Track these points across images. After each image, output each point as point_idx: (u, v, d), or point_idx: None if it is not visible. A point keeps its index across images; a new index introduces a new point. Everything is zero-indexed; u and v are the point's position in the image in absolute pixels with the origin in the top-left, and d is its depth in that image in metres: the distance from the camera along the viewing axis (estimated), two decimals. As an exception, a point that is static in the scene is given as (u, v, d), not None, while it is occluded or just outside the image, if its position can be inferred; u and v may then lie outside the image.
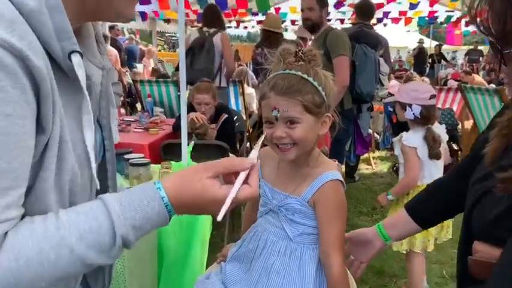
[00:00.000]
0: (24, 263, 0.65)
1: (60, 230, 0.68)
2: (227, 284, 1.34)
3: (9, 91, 0.61)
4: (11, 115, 0.62)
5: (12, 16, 0.62)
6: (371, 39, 4.22)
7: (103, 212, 0.71)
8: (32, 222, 0.68)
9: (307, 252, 1.29)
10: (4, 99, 0.61)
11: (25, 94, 0.63)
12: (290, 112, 1.19)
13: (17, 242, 0.65)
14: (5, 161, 0.62)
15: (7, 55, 0.60)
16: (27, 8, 0.64)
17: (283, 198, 1.30)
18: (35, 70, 0.63)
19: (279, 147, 1.23)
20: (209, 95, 3.68)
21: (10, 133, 0.62)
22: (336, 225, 1.25)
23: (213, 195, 0.78)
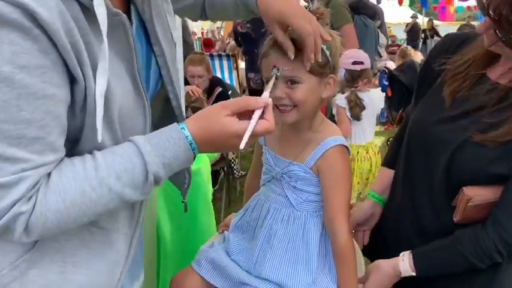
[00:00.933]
0: (70, 204, 0.71)
1: (99, 171, 0.74)
2: (230, 253, 1.32)
3: (20, 43, 0.62)
4: (26, 66, 0.63)
5: None
6: (369, 10, 4.15)
7: (136, 153, 0.77)
8: (72, 164, 0.73)
9: (311, 219, 1.27)
10: (16, 52, 0.61)
11: (38, 43, 0.63)
12: (291, 71, 1.13)
13: (61, 183, 0.71)
14: (29, 112, 0.65)
15: (12, 10, 0.60)
16: None
17: (286, 165, 1.26)
18: (43, 22, 0.63)
19: (278, 108, 1.17)
20: (202, 67, 3.62)
21: (28, 84, 0.64)
22: (341, 191, 1.22)
23: (232, 129, 0.83)
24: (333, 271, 1.25)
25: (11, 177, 0.66)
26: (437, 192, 1.17)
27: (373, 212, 1.45)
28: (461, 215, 1.10)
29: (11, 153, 0.65)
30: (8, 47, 0.61)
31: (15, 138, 0.65)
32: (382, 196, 1.44)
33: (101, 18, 0.70)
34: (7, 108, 0.64)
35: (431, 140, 1.16)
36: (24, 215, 0.69)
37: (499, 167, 1.06)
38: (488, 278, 1.16)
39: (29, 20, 0.62)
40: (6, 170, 0.66)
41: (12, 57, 0.62)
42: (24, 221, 0.69)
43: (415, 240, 1.23)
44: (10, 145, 0.65)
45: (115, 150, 0.77)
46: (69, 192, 0.72)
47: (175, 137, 0.81)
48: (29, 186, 0.68)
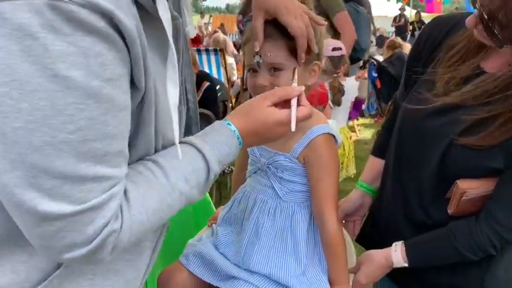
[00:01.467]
0: (152, 213, 0.72)
1: (169, 177, 0.74)
2: (219, 246, 1.30)
3: (106, 54, 0.59)
4: (111, 79, 0.60)
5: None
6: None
7: (197, 154, 0.79)
8: (140, 173, 0.72)
9: (298, 210, 1.25)
10: (102, 64, 0.59)
11: (120, 52, 0.61)
12: (274, 58, 1.10)
13: (139, 195, 0.70)
14: (114, 126, 0.63)
15: (98, 19, 0.57)
16: None
17: (272, 156, 1.24)
18: (126, 32, 0.61)
19: None
20: (189, 62, 3.58)
21: (114, 98, 0.61)
22: (329, 181, 1.20)
23: (277, 118, 0.88)
24: (323, 261, 1.23)
25: (102, 197, 0.63)
26: (427, 188, 1.16)
27: (362, 202, 1.44)
28: (455, 208, 1.09)
29: (99, 171, 0.62)
30: (95, 59, 0.58)
31: (101, 155, 0.62)
32: (371, 186, 1.43)
33: (167, 24, 0.68)
34: (94, 126, 0.60)
35: (423, 132, 1.14)
36: (115, 232, 0.67)
37: (494, 162, 1.05)
38: (481, 271, 1.15)
39: (113, 29, 0.59)
40: (96, 190, 0.63)
41: (99, 71, 0.59)
42: (114, 239, 0.67)
43: (406, 231, 1.22)
44: (97, 163, 0.62)
45: (175, 154, 0.76)
46: (149, 202, 0.72)
47: (226, 134, 0.84)
48: (118, 203, 0.66)
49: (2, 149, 0.57)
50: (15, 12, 0.53)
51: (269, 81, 1.12)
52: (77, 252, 0.64)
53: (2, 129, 0.57)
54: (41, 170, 0.58)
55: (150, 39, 0.67)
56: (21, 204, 0.59)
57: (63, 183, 0.60)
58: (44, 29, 0.54)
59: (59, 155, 0.58)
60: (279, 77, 1.12)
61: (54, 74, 0.56)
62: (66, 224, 0.61)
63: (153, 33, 0.69)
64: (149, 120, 0.72)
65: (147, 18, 0.67)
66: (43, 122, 0.57)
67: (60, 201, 0.60)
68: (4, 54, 0.54)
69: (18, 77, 0.55)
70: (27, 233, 0.64)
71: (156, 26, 0.69)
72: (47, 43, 0.55)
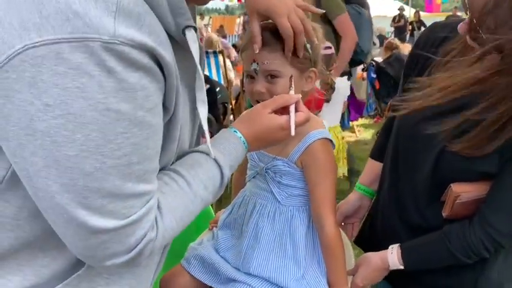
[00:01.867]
0: (180, 220, 0.79)
1: (191, 185, 0.81)
2: (219, 250, 1.32)
3: (149, 87, 0.65)
4: (152, 108, 0.67)
5: (139, 9, 0.63)
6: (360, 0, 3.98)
7: (211, 162, 0.86)
8: (166, 184, 0.79)
9: (297, 214, 1.27)
10: (147, 96, 0.65)
11: (159, 83, 0.68)
12: (270, 65, 1.12)
13: (168, 203, 0.77)
14: (152, 148, 0.70)
15: (143, 56, 0.63)
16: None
17: (270, 161, 1.26)
18: (164, 64, 0.67)
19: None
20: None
21: (153, 124, 0.69)
22: (327, 185, 1.22)
23: (278, 123, 0.96)
24: (322, 264, 1.25)
25: (142, 211, 0.70)
26: (421, 191, 1.18)
27: (360, 204, 1.46)
28: (449, 211, 1.11)
29: (139, 189, 0.69)
30: (141, 92, 0.64)
31: (142, 175, 0.69)
32: (369, 188, 1.45)
33: (196, 55, 0.74)
34: (138, 150, 0.67)
35: (418, 136, 1.16)
36: (152, 241, 0.74)
37: (487, 166, 1.07)
38: (475, 274, 1.16)
39: (155, 63, 0.66)
40: (137, 205, 0.70)
41: (143, 102, 0.65)
42: (152, 246, 0.74)
43: (403, 234, 1.24)
44: (139, 182, 0.69)
45: (193, 163, 0.85)
46: (177, 210, 0.79)
47: (234, 141, 0.92)
48: (154, 214, 0.74)
49: (55, 174, 0.63)
50: (73, 52, 0.58)
51: (266, 88, 1.14)
52: (118, 260, 0.71)
53: (55, 156, 0.62)
54: (91, 191, 0.65)
55: (178, 64, 0.73)
56: (72, 220, 0.66)
57: (110, 201, 0.67)
58: (98, 68, 0.60)
59: (107, 179, 0.65)
60: (275, 84, 1.14)
61: (106, 108, 0.62)
62: (111, 236, 0.68)
63: (182, 61, 0.75)
64: (175, 137, 0.79)
65: (176, 47, 0.73)
66: (95, 151, 0.63)
67: (107, 218, 0.67)
68: (60, 90, 0.59)
69: (73, 111, 0.60)
70: (74, 244, 0.70)
71: (185, 55, 0.75)
72: (101, 80, 0.60)
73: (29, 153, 0.63)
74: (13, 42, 0.58)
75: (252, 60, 1.13)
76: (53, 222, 0.69)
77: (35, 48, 0.58)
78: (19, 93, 0.60)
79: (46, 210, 0.68)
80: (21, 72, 0.59)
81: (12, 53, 0.58)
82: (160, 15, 0.69)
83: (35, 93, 0.59)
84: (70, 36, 0.58)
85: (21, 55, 0.58)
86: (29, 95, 0.59)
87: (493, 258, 1.14)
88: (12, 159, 0.65)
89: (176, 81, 0.72)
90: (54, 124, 0.61)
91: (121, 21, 0.61)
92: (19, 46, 0.58)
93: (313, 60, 1.18)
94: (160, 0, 0.68)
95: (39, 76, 0.59)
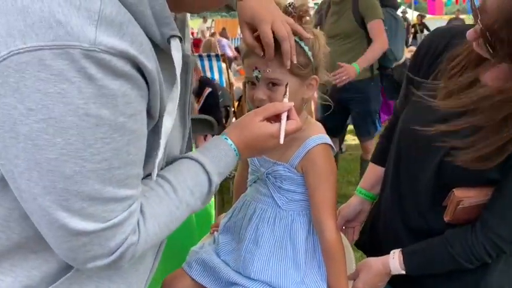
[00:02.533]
0: (163, 225, 0.80)
1: (177, 191, 0.83)
2: (220, 254, 1.33)
3: (130, 93, 0.67)
4: (133, 114, 0.68)
5: (121, 18, 0.65)
6: (393, 1, 3.82)
7: (200, 168, 0.87)
8: (152, 189, 0.80)
9: (297, 218, 1.27)
10: (127, 102, 0.67)
11: (141, 90, 0.69)
12: (271, 73, 1.13)
13: (152, 209, 0.79)
14: (134, 154, 0.71)
15: (124, 63, 0.65)
16: (127, 2, 0.67)
17: (271, 166, 1.27)
18: (147, 72, 0.69)
19: None
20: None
21: (135, 130, 0.70)
22: (326, 190, 1.22)
23: (269, 131, 0.96)
24: (323, 268, 1.26)
25: (123, 215, 0.72)
26: (424, 196, 1.18)
27: (361, 209, 1.46)
28: (451, 216, 1.11)
29: (120, 194, 0.71)
30: (122, 99, 0.66)
31: (123, 179, 0.70)
32: (370, 192, 1.45)
33: (177, 64, 0.75)
34: (119, 155, 0.68)
35: (421, 141, 1.16)
36: (134, 245, 0.75)
37: (489, 173, 1.07)
38: (477, 278, 1.17)
39: (137, 71, 0.67)
40: (118, 210, 0.71)
41: (124, 108, 0.66)
42: (133, 250, 0.75)
43: (404, 238, 1.24)
44: (120, 187, 0.70)
45: (181, 169, 0.86)
46: (161, 216, 0.80)
47: (224, 148, 0.93)
48: (136, 219, 0.75)
49: (37, 176, 0.65)
50: (55, 59, 0.60)
51: (267, 95, 1.15)
52: (99, 263, 0.73)
53: (37, 159, 0.64)
54: (71, 194, 0.66)
55: (164, 72, 0.75)
56: (54, 222, 0.68)
57: (90, 205, 0.68)
58: (79, 74, 0.62)
59: (87, 182, 0.66)
60: (276, 91, 1.15)
61: (86, 113, 0.63)
62: (91, 239, 0.70)
63: (168, 68, 0.76)
64: (161, 144, 0.78)
65: (162, 55, 0.75)
66: (74, 155, 0.64)
67: (87, 220, 0.68)
68: (42, 95, 0.61)
69: (54, 116, 0.62)
70: (56, 245, 0.71)
71: (171, 62, 0.75)
72: (81, 86, 0.62)
73: (12, 156, 0.65)
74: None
75: (254, 67, 1.14)
76: (37, 224, 0.70)
77: (19, 55, 0.60)
78: (4, 97, 0.62)
79: (31, 212, 0.70)
80: (5, 77, 0.61)
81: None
82: (145, 25, 0.70)
83: (19, 98, 0.61)
84: (52, 44, 0.60)
85: (6, 61, 0.60)
86: (13, 99, 0.62)
87: (494, 263, 1.14)
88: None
89: (160, 89, 0.73)
90: (36, 128, 0.63)
91: (103, 30, 0.63)
92: (4, 52, 0.60)
93: (314, 67, 1.19)
94: (144, 10, 0.69)
95: (23, 81, 0.61)
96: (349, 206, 1.47)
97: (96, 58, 0.62)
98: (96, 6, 0.62)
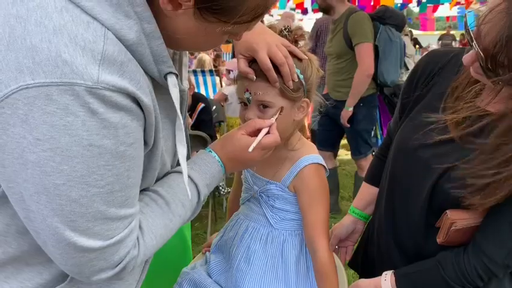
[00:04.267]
0: (159, 237, 0.87)
1: (170, 205, 0.89)
2: (212, 274, 1.31)
3: (130, 124, 0.73)
4: (133, 143, 0.75)
5: (121, 58, 0.71)
6: (397, 19, 3.66)
7: (188, 182, 0.92)
8: (146, 204, 0.87)
9: (289, 238, 1.27)
10: (128, 133, 0.73)
11: (140, 121, 0.76)
12: (262, 96, 1.14)
13: (149, 223, 0.86)
14: (133, 177, 0.78)
15: (124, 98, 0.71)
16: (128, 43, 0.73)
17: (264, 184, 1.27)
18: (144, 106, 0.75)
19: None
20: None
21: (135, 156, 0.76)
22: (319, 209, 1.22)
23: (247, 143, 1.02)
24: None
25: (125, 232, 0.78)
26: (417, 217, 1.17)
27: (355, 228, 1.45)
28: (444, 238, 1.10)
29: (122, 213, 0.77)
30: (122, 130, 0.72)
31: (124, 201, 0.77)
32: (363, 212, 1.45)
33: (175, 99, 0.81)
34: (120, 180, 0.74)
35: (415, 162, 1.15)
36: (134, 258, 0.82)
37: None
38: None
39: (136, 105, 0.74)
40: (120, 227, 0.77)
41: (124, 138, 0.72)
42: (134, 262, 0.82)
43: (397, 259, 1.23)
44: (121, 207, 0.76)
45: (171, 183, 0.93)
46: (157, 229, 0.87)
47: (210, 160, 1.00)
48: (136, 234, 0.82)
49: (45, 200, 0.70)
50: (61, 95, 0.66)
51: (257, 116, 1.15)
52: (104, 275, 0.79)
53: (45, 184, 0.69)
54: (78, 215, 0.72)
55: (160, 102, 0.81)
56: (62, 240, 0.73)
57: (95, 224, 0.74)
58: (83, 109, 0.67)
59: (92, 205, 0.72)
60: (266, 113, 1.15)
61: (90, 143, 0.69)
62: (96, 255, 0.76)
63: (165, 99, 0.83)
64: (155, 166, 0.87)
65: (159, 89, 0.82)
66: (80, 181, 0.70)
67: (93, 238, 0.74)
68: (49, 127, 0.66)
69: (60, 145, 0.67)
70: (62, 262, 0.76)
71: (167, 93, 0.82)
72: (85, 119, 0.68)
73: (22, 180, 0.69)
74: (9, 82, 0.65)
75: (245, 89, 1.16)
76: (44, 242, 0.75)
77: (28, 89, 0.65)
78: (13, 127, 0.67)
79: (38, 231, 0.74)
80: (15, 109, 0.66)
81: (8, 91, 0.65)
82: (144, 63, 0.76)
83: (27, 129, 0.66)
84: (59, 81, 0.65)
85: (15, 94, 0.65)
86: (22, 130, 0.67)
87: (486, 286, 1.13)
88: (7, 184, 0.72)
89: (156, 120, 0.80)
90: (43, 156, 0.67)
91: (105, 69, 0.68)
92: (14, 86, 0.65)
93: (306, 90, 1.19)
94: (143, 50, 0.75)
95: (31, 114, 0.66)
96: (342, 226, 1.46)
97: (98, 94, 0.68)
98: (99, 47, 0.68)
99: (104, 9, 0.70)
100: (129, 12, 0.72)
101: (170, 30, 0.79)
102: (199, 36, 0.81)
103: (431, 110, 1.16)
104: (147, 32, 0.75)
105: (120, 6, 0.71)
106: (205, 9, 0.74)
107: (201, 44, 0.89)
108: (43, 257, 0.79)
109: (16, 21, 0.67)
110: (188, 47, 0.91)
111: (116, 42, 0.71)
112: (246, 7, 0.75)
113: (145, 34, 0.75)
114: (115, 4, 0.71)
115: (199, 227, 3.58)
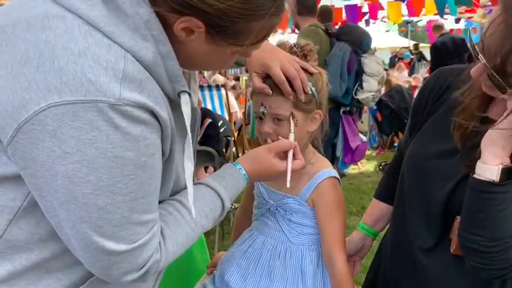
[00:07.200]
0: (181, 245, 0.92)
1: (192, 215, 0.92)
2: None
3: (150, 137, 0.79)
4: (153, 154, 0.81)
5: (140, 76, 0.77)
6: (352, 36, 3.81)
7: (215, 195, 0.99)
8: (170, 213, 0.92)
9: (306, 253, 1.27)
10: (149, 144, 0.79)
11: (158, 133, 0.82)
12: (277, 109, 1.18)
13: (171, 231, 0.90)
14: (154, 185, 0.84)
15: (143, 112, 0.77)
16: (146, 63, 0.79)
17: (281, 198, 1.27)
18: (161, 120, 0.81)
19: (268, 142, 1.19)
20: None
21: (155, 166, 0.83)
22: (337, 223, 1.23)
23: (280, 169, 1.10)
24: None
25: (147, 236, 0.83)
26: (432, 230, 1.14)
27: (363, 244, 1.45)
28: (456, 245, 1.09)
29: (144, 218, 0.82)
30: (143, 142, 0.78)
31: (146, 207, 0.82)
32: (372, 228, 1.44)
33: (187, 117, 0.86)
34: (142, 188, 0.80)
35: (429, 173, 1.15)
36: (157, 261, 0.87)
37: None
38: None
39: (154, 118, 0.80)
40: (143, 232, 0.83)
41: (145, 150, 0.78)
42: (157, 265, 0.87)
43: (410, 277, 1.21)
44: (144, 213, 0.82)
45: (198, 195, 0.96)
46: (179, 237, 0.92)
47: (238, 177, 1.05)
48: (158, 239, 0.87)
49: (74, 208, 0.76)
50: (86, 111, 0.72)
51: (273, 129, 1.20)
52: (130, 277, 0.84)
53: (74, 193, 0.75)
54: (104, 221, 0.78)
55: (176, 119, 0.87)
56: (90, 244, 0.79)
57: (120, 229, 0.79)
58: (106, 124, 0.73)
59: (117, 211, 0.78)
60: (281, 126, 1.20)
61: (114, 155, 0.75)
62: (122, 258, 0.81)
63: (179, 116, 0.88)
64: (171, 176, 0.93)
65: (174, 105, 0.87)
66: (105, 190, 0.76)
67: (119, 242, 0.80)
68: (76, 141, 0.73)
69: (87, 158, 0.74)
70: (91, 264, 0.82)
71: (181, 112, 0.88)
72: (109, 134, 0.74)
73: (53, 190, 0.76)
74: (39, 100, 0.72)
75: (261, 104, 1.20)
76: (73, 247, 0.81)
77: (56, 107, 0.71)
78: (43, 142, 0.73)
79: (68, 237, 0.80)
80: (44, 125, 0.72)
81: (38, 109, 0.71)
82: (160, 81, 0.82)
83: (56, 143, 0.73)
84: (84, 99, 0.72)
85: (45, 111, 0.71)
86: (51, 144, 0.73)
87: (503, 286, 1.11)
88: (40, 193, 0.78)
89: (172, 133, 0.86)
90: (71, 168, 0.74)
91: (126, 86, 0.75)
92: (44, 104, 0.71)
93: (318, 102, 1.23)
94: (159, 69, 0.81)
95: (59, 129, 0.72)
96: (351, 242, 1.45)
97: (121, 110, 0.74)
98: (120, 66, 0.74)
99: (123, 33, 0.76)
100: (146, 35, 0.78)
101: (184, 52, 0.85)
102: (211, 57, 0.88)
103: (443, 122, 1.15)
104: (163, 53, 0.80)
105: (137, 30, 0.77)
106: (216, 34, 0.81)
107: (213, 64, 0.97)
108: (62, 263, 0.85)
109: (45, 45, 0.73)
110: (200, 67, 1.01)
111: (135, 63, 0.77)
112: (252, 29, 0.82)
113: (161, 55, 0.80)
114: (133, 28, 0.77)
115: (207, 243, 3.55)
